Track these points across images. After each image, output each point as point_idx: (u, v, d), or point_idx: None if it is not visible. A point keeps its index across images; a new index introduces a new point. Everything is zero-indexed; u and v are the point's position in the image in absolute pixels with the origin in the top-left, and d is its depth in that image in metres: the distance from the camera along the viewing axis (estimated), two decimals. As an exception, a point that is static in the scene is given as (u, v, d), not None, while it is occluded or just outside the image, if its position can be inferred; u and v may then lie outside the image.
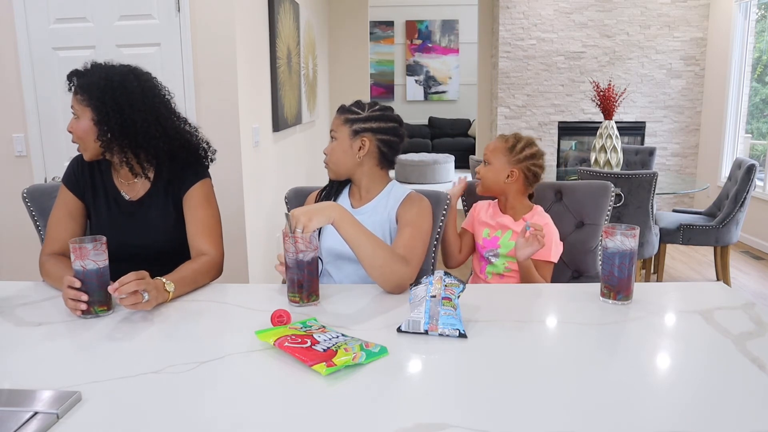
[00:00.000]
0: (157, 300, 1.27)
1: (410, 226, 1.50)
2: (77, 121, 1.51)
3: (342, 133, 1.57)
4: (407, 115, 10.07)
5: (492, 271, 1.82)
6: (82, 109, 1.51)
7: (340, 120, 1.59)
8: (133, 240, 1.55)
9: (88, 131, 1.51)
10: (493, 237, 1.82)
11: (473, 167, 3.90)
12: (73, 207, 1.58)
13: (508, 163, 1.77)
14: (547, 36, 5.79)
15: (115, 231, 1.52)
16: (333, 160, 1.60)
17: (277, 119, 3.59)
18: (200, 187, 1.58)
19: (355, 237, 1.33)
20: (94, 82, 1.51)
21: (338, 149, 1.58)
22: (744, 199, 3.47)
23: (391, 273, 1.35)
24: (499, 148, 1.80)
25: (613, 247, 1.27)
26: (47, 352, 1.09)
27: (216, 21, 2.76)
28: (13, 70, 2.85)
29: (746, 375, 0.95)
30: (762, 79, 5.20)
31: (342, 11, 5.80)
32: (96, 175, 1.60)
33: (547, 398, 0.88)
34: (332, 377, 0.95)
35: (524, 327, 1.18)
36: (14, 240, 2.97)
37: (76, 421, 0.83)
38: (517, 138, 1.81)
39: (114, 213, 1.57)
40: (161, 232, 1.57)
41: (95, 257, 1.24)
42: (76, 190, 1.59)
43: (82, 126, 1.51)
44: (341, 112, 1.60)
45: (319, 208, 1.31)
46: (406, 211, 1.55)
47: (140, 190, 1.59)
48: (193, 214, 1.56)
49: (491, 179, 1.80)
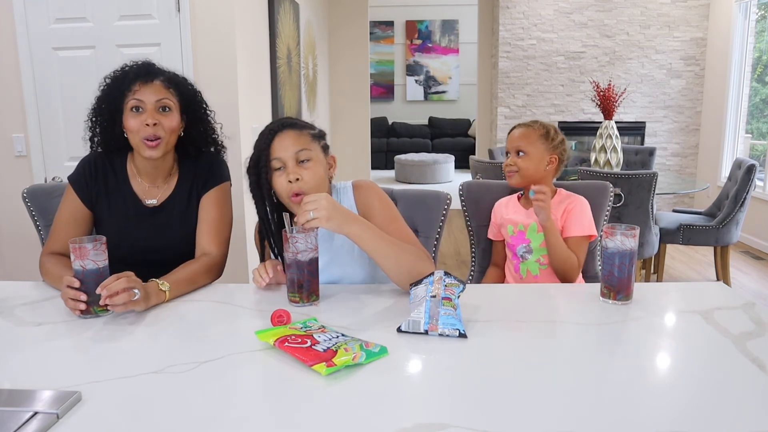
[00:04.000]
0: (150, 300, 1.26)
1: (387, 220, 1.40)
2: (170, 115, 1.47)
3: (316, 152, 1.39)
4: (407, 115, 10.09)
5: (527, 268, 1.79)
6: (175, 103, 1.49)
7: (306, 138, 1.37)
8: (152, 245, 1.52)
9: (178, 127, 1.50)
10: (518, 232, 1.79)
11: (473, 167, 3.90)
12: (79, 214, 1.53)
13: (547, 150, 1.76)
14: (547, 36, 5.80)
15: (131, 237, 1.51)
16: (315, 185, 1.36)
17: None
18: (219, 190, 1.58)
19: (376, 248, 1.29)
20: (180, 81, 1.52)
21: (320, 171, 1.38)
22: (744, 199, 3.47)
23: (416, 273, 1.30)
24: (532, 136, 1.76)
25: (613, 247, 1.27)
26: (47, 352, 1.09)
27: (216, 21, 2.76)
28: (13, 70, 2.85)
29: (746, 375, 0.95)
30: (762, 79, 5.20)
31: (342, 11, 5.80)
32: (110, 177, 1.55)
33: (547, 398, 0.88)
34: (332, 377, 0.95)
35: (524, 327, 1.18)
36: (14, 240, 2.97)
37: (76, 421, 0.83)
38: (544, 125, 1.79)
39: (131, 219, 1.54)
40: (181, 235, 1.55)
41: (95, 257, 1.23)
42: (85, 197, 1.53)
43: (176, 120, 1.49)
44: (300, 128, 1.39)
45: (342, 217, 1.24)
46: (368, 203, 1.44)
47: (163, 194, 1.56)
48: (206, 213, 1.55)
49: (533, 168, 1.76)
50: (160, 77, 1.49)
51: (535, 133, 1.76)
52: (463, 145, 9.40)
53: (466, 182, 2.02)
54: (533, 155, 1.76)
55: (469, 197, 1.99)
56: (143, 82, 1.46)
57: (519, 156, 1.77)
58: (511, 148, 1.79)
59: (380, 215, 1.42)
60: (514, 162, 1.77)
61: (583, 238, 1.72)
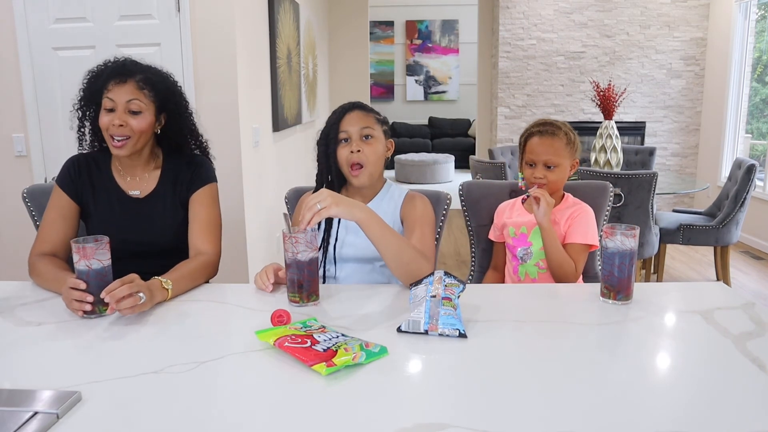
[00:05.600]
0: (155, 299, 1.27)
1: (420, 224, 1.51)
2: (139, 116, 1.48)
3: (379, 132, 1.54)
4: (407, 115, 10.08)
5: (525, 271, 1.77)
6: (147, 104, 1.49)
7: (372, 119, 1.54)
8: (138, 237, 1.55)
9: (149, 128, 1.51)
10: (520, 234, 1.76)
11: (473, 167, 3.90)
12: (67, 210, 1.55)
13: (571, 158, 1.72)
14: (547, 36, 5.79)
15: (117, 228, 1.52)
16: (374, 159, 1.52)
17: (277, 119, 3.59)
18: (207, 190, 1.60)
19: (382, 236, 1.33)
20: (157, 80, 1.52)
21: (380, 148, 1.53)
22: (744, 199, 3.47)
23: (416, 269, 1.35)
24: (559, 146, 1.69)
25: (613, 247, 1.27)
26: (47, 352, 1.09)
27: (216, 21, 2.76)
28: (13, 70, 2.85)
29: (746, 375, 0.95)
30: (762, 79, 5.20)
31: (342, 11, 5.80)
32: (94, 174, 1.58)
33: (547, 398, 0.88)
34: (332, 377, 0.95)
35: (524, 327, 1.18)
36: (14, 240, 2.97)
37: (76, 421, 0.83)
38: (564, 131, 1.72)
39: (116, 210, 1.56)
40: (167, 227, 1.57)
41: (100, 256, 1.24)
42: (72, 192, 1.56)
43: (146, 121, 1.49)
44: (368, 111, 1.55)
45: (349, 203, 1.31)
46: (411, 210, 1.55)
47: (147, 187, 1.58)
48: (197, 213, 1.57)
49: (562, 180, 1.71)
50: (135, 77, 1.49)
51: (561, 142, 1.69)
52: (463, 145, 9.39)
53: (466, 182, 2.02)
54: (563, 166, 1.70)
55: (469, 197, 1.99)
56: (116, 82, 1.47)
57: (549, 169, 1.69)
58: (538, 161, 1.70)
59: (414, 217, 1.53)
60: (544, 176, 1.69)
61: (583, 246, 1.69)
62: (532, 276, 1.76)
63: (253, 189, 3.13)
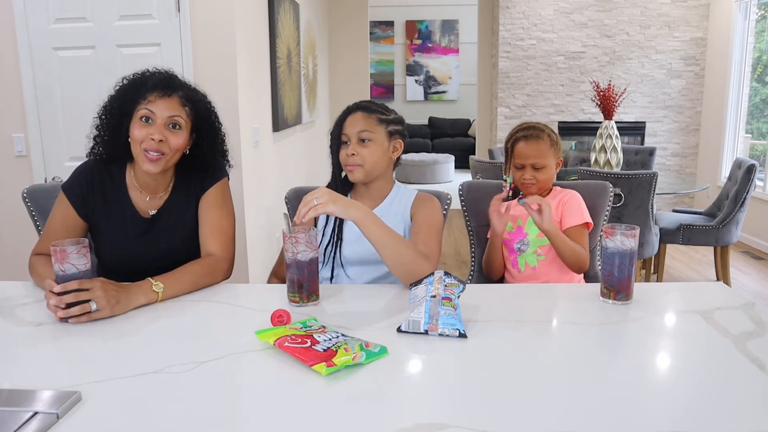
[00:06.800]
0: (132, 303, 1.25)
1: (425, 225, 1.52)
2: (179, 134, 1.43)
3: (379, 134, 1.54)
4: (407, 115, 10.06)
5: (524, 261, 1.79)
6: (186, 122, 1.44)
7: (373, 121, 1.54)
8: (150, 254, 1.49)
9: (184, 146, 1.46)
10: (517, 227, 1.81)
11: (473, 167, 3.90)
12: (72, 222, 1.48)
13: (555, 157, 1.80)
14: (547, 36, 5.79)
15: (129, 248, 1.49)
16: (371, 162, 1.53)
17: (277, 119, 3.59)
18: (218, 188, 1.55)
19: (380, 236, 1.33)
20: (197, 100, 1.48)
21: (378, 151, 1.54)
22: (744, 199, 3.47)
23: (416, 270, 1.34)
24: (544, 148, 1.77)
25: (613, 247, 1.27)
26: (47, 352, 1.09)
27: (216, 21, 2.76)
28: (13, 70, 2.85)
29: (746, 375, 0.95)
30: (762, 79, 5.20)
31: (342, 11, 5.80)
32: (109, 188, 1.50)
33: (547, 398, 0.88)
34: (332, 377, 0.95)
35: (524, 327, 1.18)
36: (14, 240, 2.97)
37: (76, 421, 0.83)
38: (548, 133, 1.80)
39: (129, 230, 1.50)
40: (179, 239, 1.52)
41: (76, 261, 1.20)
42: (80, 207, 1.48)
43: (183, 139, 1.44)
44: (370, 112, 1.55)
45: (345, 202, 1.31)
46: (420, 210, 1.57)
47: (159, 202, 1.53)
48: (207, 214, 1.53)
49: (550, 179, 1.80)
50: (179, 92, 1.44)
51: (545, 144, 1.77)
52: (463, 145, 9.39)
53: (466, 182, 2.03)
54: (550, 166, 1.78)
55: (469, 197, 1.99)
56: (161, 94, 1.41)
57: (537, 171, 1.77)
58: (526, 164, 1.77)
59: (422, 218, 1.54)
60: (533, 176, 1.77)
61: (581, 227, 1.75)
62: (532, 265, 1.78)
63: (253, 189, 3.13)
